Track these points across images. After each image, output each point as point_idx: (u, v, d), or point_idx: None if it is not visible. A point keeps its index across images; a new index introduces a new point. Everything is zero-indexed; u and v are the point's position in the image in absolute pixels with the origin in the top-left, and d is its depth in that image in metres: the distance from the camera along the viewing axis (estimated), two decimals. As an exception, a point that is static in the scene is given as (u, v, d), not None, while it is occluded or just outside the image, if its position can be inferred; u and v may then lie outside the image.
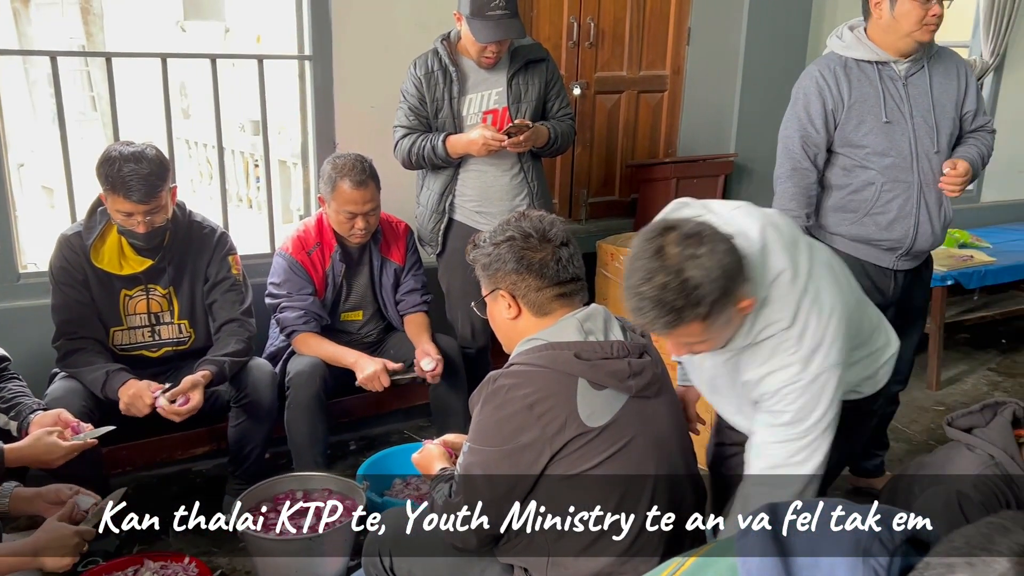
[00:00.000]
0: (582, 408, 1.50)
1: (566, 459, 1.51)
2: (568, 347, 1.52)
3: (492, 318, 1.68)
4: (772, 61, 3.72)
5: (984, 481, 1.47)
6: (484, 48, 2.62)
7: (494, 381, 1.55)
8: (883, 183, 2.42)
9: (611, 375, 1.52)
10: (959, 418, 1.62)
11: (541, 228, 1.62)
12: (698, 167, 3.64)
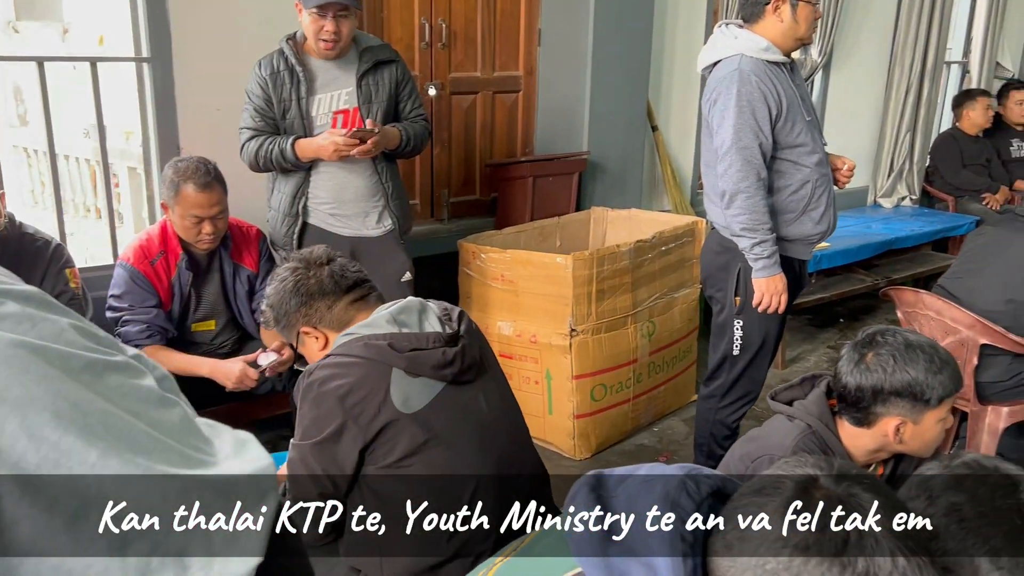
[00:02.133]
0: (396, 395, 1.54)
1: (383, 447, 1.54)
2: (382, 339, 1.56)
3: (313, 360, 1.69)
4: (618, 62, 3.86)
5: (802, 449, 1.60)
6: (321, 28, 2.55)
7: (310, 374, 1.58)
8: (816, 179, 2.51)
9: (426, 365, 1.57)
10: (781, 392, 1.75)
11: (302, 257, 1.72)
12: (553, 166, 3.73)
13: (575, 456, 3.18)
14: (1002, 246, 2.77)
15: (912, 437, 1.58)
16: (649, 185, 4.37)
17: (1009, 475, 1.10)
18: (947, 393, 1.55)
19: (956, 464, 1.13)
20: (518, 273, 3.13)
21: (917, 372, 1.54)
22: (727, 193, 2.44)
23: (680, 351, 3.53)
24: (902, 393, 1.55)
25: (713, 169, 2.54)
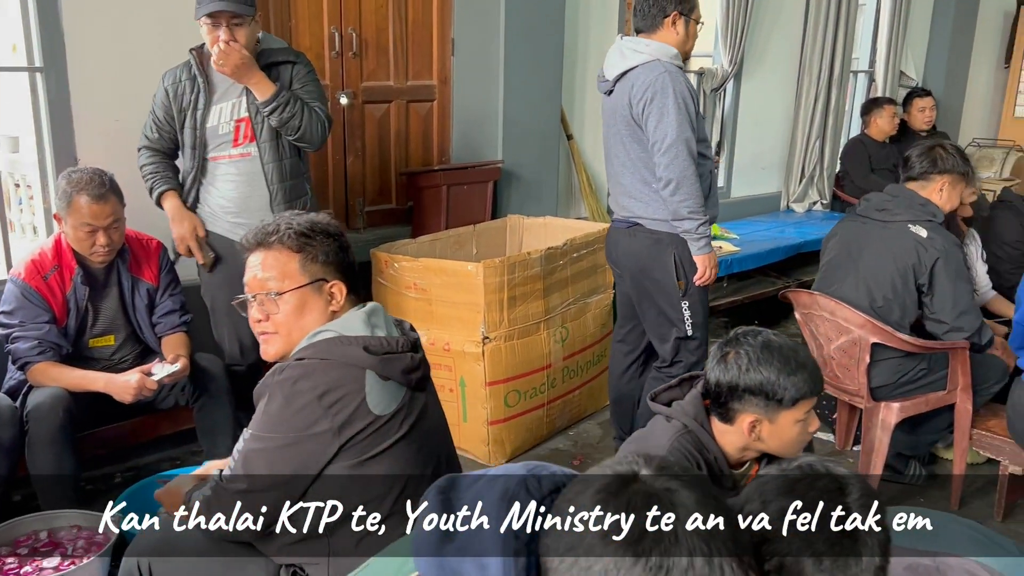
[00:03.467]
0: (371, 398, 1.54)
1: (354, 448, 1.54)
2: (356, 341, 1.57)
3: (287, 313, 1.64)
4: (531, 71, 3.91)
5: (677, 448, 1.65)
6: (216, 39, 2.52)
7: (281, 372, 1.56)
8: (711, 169, 2.84)
9: (396, 369, 1.58)
10: (661, 393, 1.80)
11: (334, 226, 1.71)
12: (467, 174, 3.75)
13: (490, 462, 3.20)
14: (857, 249, 2.87)
15: (770, 435, 1.64)
16: (566, 193, 4.43)
17: (838, 478, 1.15)
18: (801, 395, 1.61)
19: (791, 468, 1.18)
20: (430, 281, 3.14)
21: (770, 372, 1.60)
22: (673, 181, 2.65)
23: (594, 355, 3.58)
24: (755, 391, 1.62)
25: (637, 166, 2.77)
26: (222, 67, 2.55)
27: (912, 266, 2.73)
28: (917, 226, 2.76)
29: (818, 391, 1.65)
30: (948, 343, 2.77)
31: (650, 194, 2.78)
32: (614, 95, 2.84)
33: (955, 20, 6.19)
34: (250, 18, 2.56)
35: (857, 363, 2.80)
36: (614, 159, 2.91)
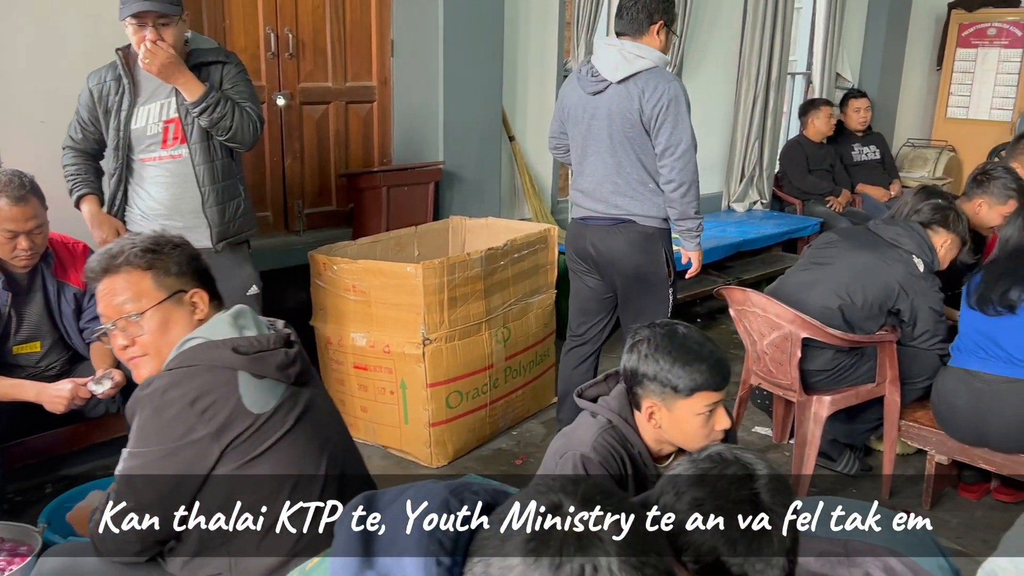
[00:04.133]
0: (246, 398, 1.53)
1: (238, 449, 1.52)
2: (224, 344, 1.55)
3: (152, 332, 1.61)
4: (471, 72, 3.92)
5: (601, 443, 1.67)
6: (142, 39, 2.48)
7: (149, 385, 1.54)
8: None
9: (271, 366, 1.57)
10: (587, 389, 1.82)
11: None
12: (408, 175, 3.74)
13: (432, 464, 3.19)
14: (846, 252, 2.95)
15: (669, 424, 1.67)
16: (509, 194, 4.45)
17: (746, 465, 1.17)
18: (698, 386, 1.63)
19: (702, 458, 1.20)
20: (370, 283, 3.12)
21: (665, 360, 1.63)
22: (685, 184, 2.85)
23: (537, 355, 3.60)
24: (651, 377, 1.65)
25: (636, 166, 2.90)
26: (149, 66, 2.50)
27: (897, 293, 2.83)
28: (919, 260, 2.86)
29: (719, 386, 1.66)
30: (875, 336, 2.85)
31: (646, 193, 2.92)
32: (607, 95, 2.89)
33: (888, 23, 6.36)
34: (177, 18, 2.52)
35: (789, 358, 2.86)
36: (600, 156, 2.96)
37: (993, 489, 3.04)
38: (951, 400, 2.74)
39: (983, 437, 2.69)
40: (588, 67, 2.96)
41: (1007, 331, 2.63)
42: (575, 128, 3.03)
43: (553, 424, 3.58)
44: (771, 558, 1.11)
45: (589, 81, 2.94)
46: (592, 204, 3.02)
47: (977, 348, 2.70)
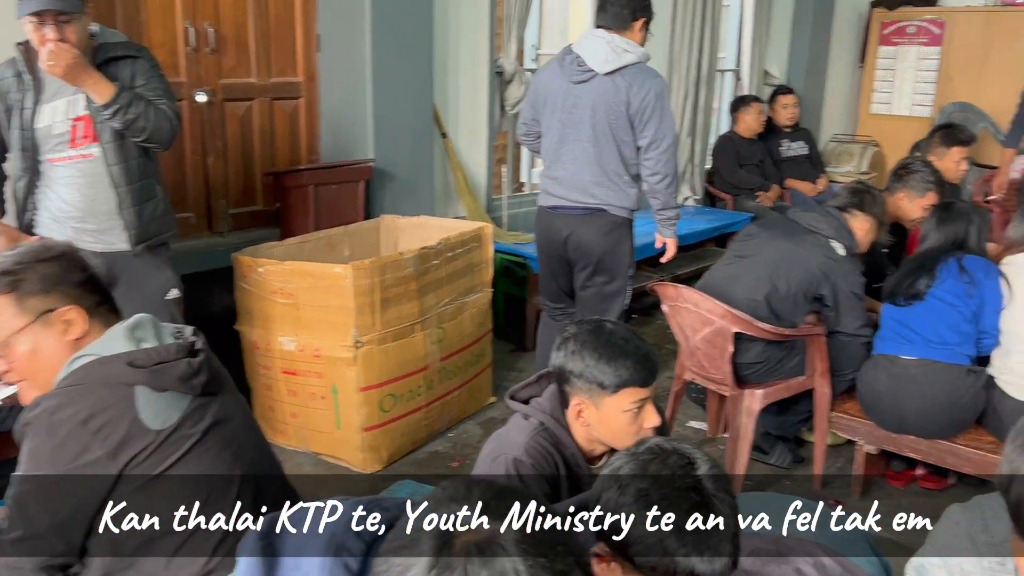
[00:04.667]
0: (145, 414, 1.44)
1: (137, 469, 1.44)
2: (119, 358, 1.46)
3: (23, 359, 1.51)
4: (400, 68, 3.85)
5: (534, 445, 1.63)
6: (42, 38, 2.34)
7: (37, 406, 1.44)
8: None
9: (173, 378, 1.48)
10: (519, 390, 1.78)
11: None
12: (337, 173, 3.65)
13: (366, 470, 3.12)
14: (766, 242, 2.98)
15: (598, 423, 1.64)
16: (443, 192, 4.39)
17: (686, 455, 1.17)
18: (623, 382, 1.60)
19: (641, 451, 1.18)
20: (297, 285, 3.03)
21: (591, 357, 1.61)
22: (669, 175, 3.04)
23: (473, 355, 3.55)
24: (577, 375, 1.62)
25: (614, 156, 3.01)
26: (52, 68, 2.35)
27: (818, 278, 2.86)
28: (837, 244, 2.89)
29: (645, 381, 1.63)
30: (804, 330, 2.88)
31: (621, 184, 3.06)
32: (592, 85, 2.97)
33: (814, 21, 6.48)
34: (79, 13, 2.38)
35: (721, 352, 2.87)
36: (581, 144, 3.04)
37: (919, 477, 3.12)
38: (873, 386, 2.82)
39: (903, 422, 2.76)
40: (572, 57, 3.01)
41: (918, 316, 2.74)
42: (552, 116, 3.09)
43: (490, 424, 3.54)
44: (719, 544, 1.10)
45: (574, 70, 3.00)
46: (566, 192, 3.11)
47: (895, 335, 2.81)
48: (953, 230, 2.80)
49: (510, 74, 4.45)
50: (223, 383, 1.62)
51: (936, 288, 2.71)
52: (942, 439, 2.74)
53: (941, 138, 3.82)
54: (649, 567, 1.11)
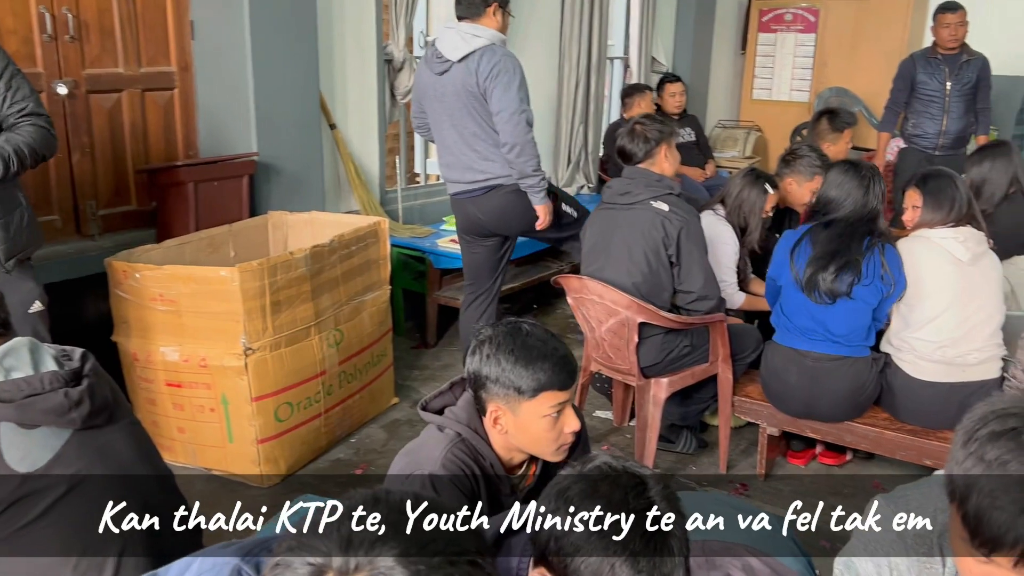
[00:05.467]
0: (10, 454, 1.28)
1: (6, 516, 1.27)
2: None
3: None
4: (283, 57, 3.64)
5: (451, 459, 1.53)
6: None
7: None
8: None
9: (45, 412, 1.32)
10: (432, 400, 1.68)
11: None
12: (217, 169, 3.42)
13: (263, 484, 2.94)
14: (610, 233, 2.94)
15: (516, 430, 1.56)
16: (333, 186, 4.20)
17: (637, 475, 1.10)
18: (541, 386, 1.52)
19: (589, 469, 1.10)
20: (179, 291, 2.81)
21: (507, 361, 1.52)
22: (517, 145, 3.14)
23: (373, 356, 3.41)
24: (494, 380, 1.54)
25: (489, 133, 3.20)
26: None
27: (661, 240, 2.83)
28: (659, 201, 2.86)
29: (564, 384, 1.55)
30: (708, 317, 2.89)
31: (502, 156, 3.23)
32: (452, 74, 3.18)
33: (697, 9, 6.60)
34: None
35: (627, 343, 2.85)
36: (457, 129, 3.25)
37: (819, 454, 3.20)
38: (783, 377, 2.83)
39: (813, 410, 2.81)
40: (433, 50, 3.22)
41: (836, 315, 2.72)
42: (431, 107, 3.31)
43: (394, 427, 3.42)
44: (673, 571, 1.04)
45: (435, 63, 3.21)
46: (459, 175, 3.32)
47: (807, 330, 2.78)
48: (860, 194, 2.73)
49: (399, 61, 4.31)
50: (115, 411, 1.45)
51: (859, 287, 2.66)
52: (844, 421, 2.80)
53: (831, 123, 3.93)
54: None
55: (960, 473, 1.04)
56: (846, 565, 1.31)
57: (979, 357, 2.64)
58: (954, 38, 4.74)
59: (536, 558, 1.11)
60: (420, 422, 3.42)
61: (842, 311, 2.71)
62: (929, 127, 4.87)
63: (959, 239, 2.63)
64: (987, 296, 2.65)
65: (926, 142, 4.90)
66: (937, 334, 2.65)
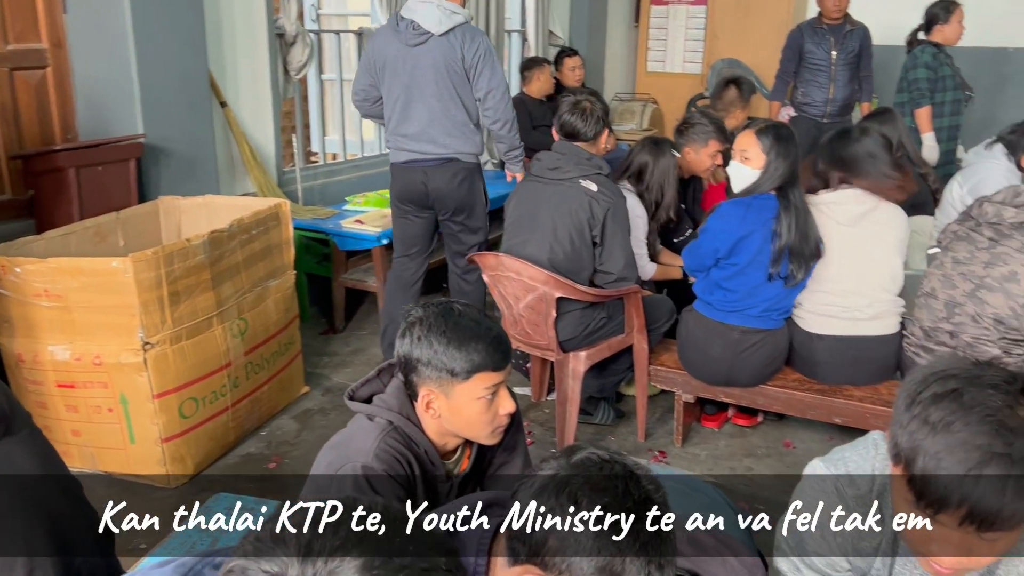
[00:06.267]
0: None
1: None
2: None
3: None
4: (167, 32, 3.41)
5: (384, 448, 1.47)
6: None
7: None
8: None
9: None
10: (359, 388, 1.60)
11: None
12: (100, 152, 3.19)
13: (170, 484, 2.79)
14: (536, 208, 2.91)
15: (450, 414, 1.51)
16: (227, 167, 4.00)
17: (626, 465, 1.04)
18: (475, 367, 1.47)
19: (574, 463, 1.03)
20: (66, 285, 2.61)
21: (439, 342, 1.47)
22: (509, 121, 3.42)
23: (280, 345, 3.28)
24: (425, 362, 1.48)
25: (459, 108, 3.32)
26: None
27: (587, 220, 2.82)
28: (587, 181, 2.84)
29: (499, 365, 1.51)
30: (623, 289, 2.90)
31: (468, 133, 3.38)
32: (430, 47, 3.24)
33: (591, -19, 6.61)
34: None
35: (545, 318, 2.83)
36: (427, 102, 3.31)
37: (732, 416, 3.28)
38: (705, 349, 2.85)
39: (733, 380, 2.86)
40: (407, 22, 3.24)
41: (762, 296, 2.74)
42: (395, 79, 3.33)
43: (306, 417, 3.30)
44: (671, 558, 1.00)
45: (411, 35, 3.24)
46: (419, 146, 3.37)
47: (737, 308, 2.79)
48: (790, 162, 2.70)
49: (292, 36, 4.12)
50: (12, 421, 1.31)
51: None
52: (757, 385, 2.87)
53: (740, 92, 4.03)
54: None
55: (905, 437, 1.05)
56: (789, 528, 1.32)
57: (870, 312, 2.72)
58: (838, 8, 4.91)
59: (524, 555, 1.05)
60: (332, 410, 3.34)
61: (777, 290, 2.74)
62: (817, 95, 5.04)
63: (838, 202, 2.72)
64: (874, 249, 2.71)
65: (815, 110, 5.08)
66: (825, 286, 2.74)
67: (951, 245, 2.55)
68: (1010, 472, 0.98)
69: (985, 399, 1.02)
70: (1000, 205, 2.44)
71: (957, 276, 2.50)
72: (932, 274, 2.59)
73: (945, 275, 2.54)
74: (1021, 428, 1.00)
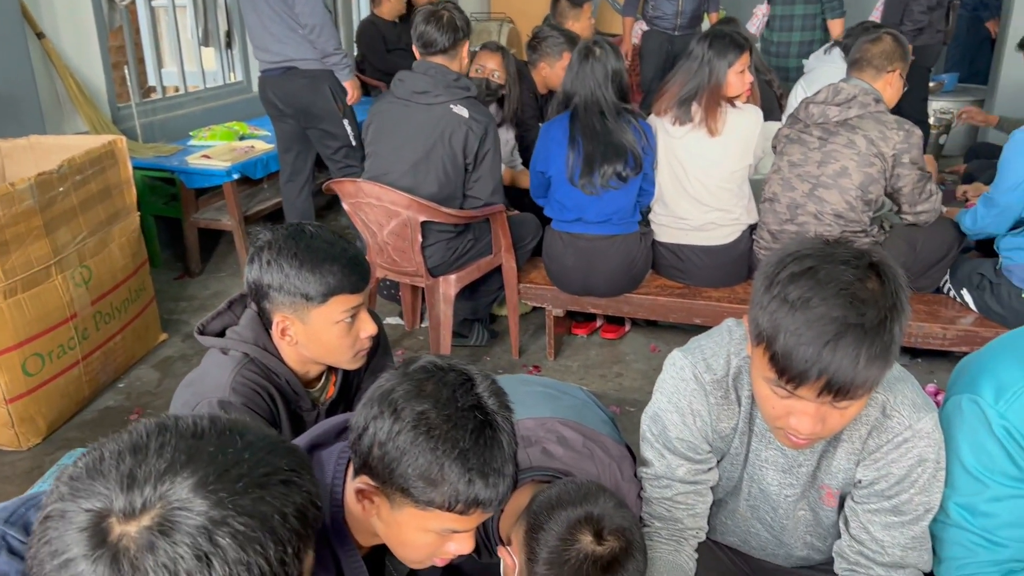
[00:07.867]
0: None
1: None
2: None
3: None
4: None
5: (241, 382, 1.40)
6: None
7: None
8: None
9: None
10: (210, 322, 1.51)
11: None
12: None
13: (23, 446, 2.61)
14: (403, 133, 2.80)
15: (308, 340, 1.46)
16: (52, 105, 3.66)
17: (464, 372, 1.06)
18: (331, 290, 1.42)
19: (414, 370, 1.04)
20: None
21: (291, 266, 1.41)
22: (318, 26, 3.37)
23: (131, 292, 3.08)
24: (277, 288, 1.42)
25: (284, 16, 3.40)
26: None
27: (462, 149, 2.76)
28: (458, 105, 2.76)
29: (356, 287, 1.45)
30: (488, 209, 2.87)
31: (298, 39, 3.43)
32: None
33: None
34: None
35: (411, 244, 2.78)
36: (257, 14, 3.46)
37: (600, 328, 3.37)
38: (561, 260, 2.91)
39: (590, 288, 2.93)
40: None
41: (601, 200, 2.80)
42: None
43: (167, 365, 3.15)
44: (503, 466, 1.02)
45: None
46: (264, 56, 3.54)
47: (576, 218, 2.86)
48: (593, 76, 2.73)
49: (112, -43, 3.78)
50: None
51: (632, 174, 2.75)
52: (622, 295, 2.95)
53: (568, 2, 4.06)
54: (425, 500, 0.98)
55: (766, 317, 1.09)
56: (652, 418, 1.37)
57: (696, 223, 2.83)
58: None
59: (358, 467, 1.04)
60: (195, 356, 3.19)
61: (608, 195, 2.79)
62: (667, 8, 5.10)
63: (669, 118, 2.80)
64: (697, 160, 2.78)
65: (666, 23, 5.14)
66: (662, 198, 2.89)
67: (786, 149, 2.67)
68: (863, 341, 1.04)
69: (839, 274, 1.06)
70: (824, 105, 2.56)
71: (795, 178, 2.62)
72: (772, 178, 2.71)
73: (784, 179, 2.65)
74: (871, 299, 1.05)
